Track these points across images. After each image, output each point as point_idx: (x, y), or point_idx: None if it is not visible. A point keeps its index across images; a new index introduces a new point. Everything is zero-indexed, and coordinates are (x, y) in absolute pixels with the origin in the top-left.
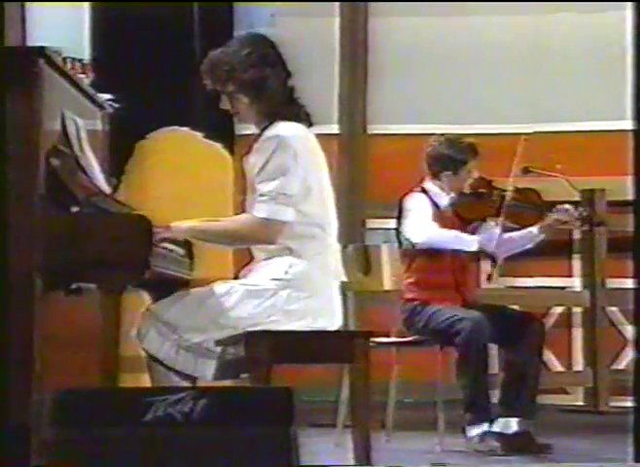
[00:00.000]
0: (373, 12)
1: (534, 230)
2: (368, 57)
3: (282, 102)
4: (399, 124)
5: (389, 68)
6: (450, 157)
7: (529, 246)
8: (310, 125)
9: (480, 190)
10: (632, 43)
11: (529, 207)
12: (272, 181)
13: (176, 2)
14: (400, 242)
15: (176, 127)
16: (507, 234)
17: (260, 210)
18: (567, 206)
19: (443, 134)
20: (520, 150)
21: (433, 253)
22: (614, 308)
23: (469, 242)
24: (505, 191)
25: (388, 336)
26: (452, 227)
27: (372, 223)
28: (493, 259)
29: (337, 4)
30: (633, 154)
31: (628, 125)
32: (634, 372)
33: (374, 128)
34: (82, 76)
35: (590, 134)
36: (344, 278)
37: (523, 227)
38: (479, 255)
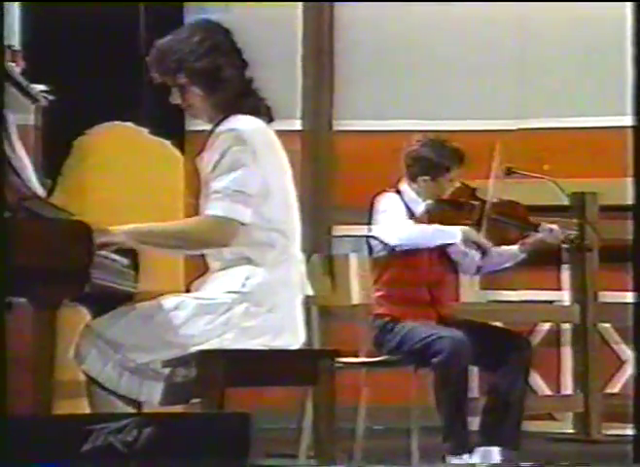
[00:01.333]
0: None
1: (515, 248)
2: (334, 47)
3: (239, 94)
4: (369, 119)
5: (358, 59)
6: (433, 161)
7: (507, 265)
8: (271, 120)
9: (461, 199)
10: (632, 41)
11: (511, 223)
12: (228, 177)
13: None
14: (370, 249)
15: (119, 123)
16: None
17: (213, 208)
18: (553, 226)
19: (426, 134)
20: (500, 148)
21: (406, 263)
22: (607, 325)
23: (451, 234)
24: (486, 202)
25: (357, 355)
26: None
27: (339, 230)
28: (482, 250)
29: None
30: (633, 153)
31: (623, 121)
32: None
33: (342, 125)
34: (12, 64)
35: (581, 132)
36: (308, 291)
37: (501, 242)
38: (456, 267)
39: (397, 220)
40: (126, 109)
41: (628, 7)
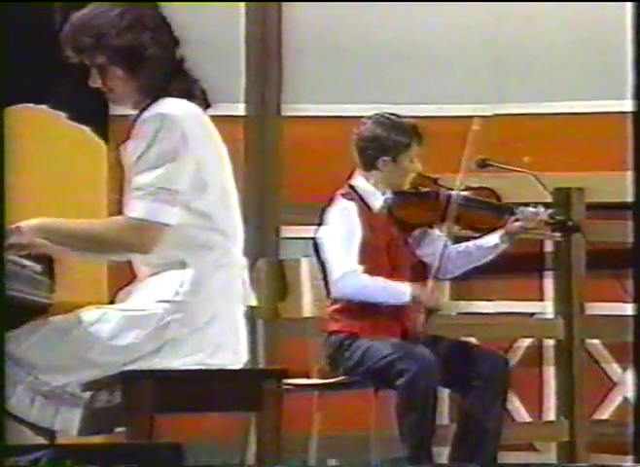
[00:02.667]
0: None
1: (494, 237)
2: (281, 21)
3: (168, 76)
4: (323, 103)
5: (309, 35)
6: (390, 139)
7: (488, 259)
8: (207, 104)
9: (423, 189)
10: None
11: (485, 209)
12: (153, 171)
13: None
14: (319, 258)
15: (31, 105)
16: (460, 245)
17: (133, 209)
18: (534, 208)
19: (378, 113)
20: (472, 137)
21: (365, 270)
22: (595, 341)
23: (399, 295)
24: (453, 189)
25: (308, 376)
26: (388, 236)
27: (288, 231)
28: (429, 311)
29: None
30: (634, 142)
31: (615, 106)
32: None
33: (292, 109)
34: None
35: (567, 118)
36: (252, 301)
37: (478, 233)
38: (425, 273)
39: (346, 258)
40: (39, 90)
41: (628, 7)
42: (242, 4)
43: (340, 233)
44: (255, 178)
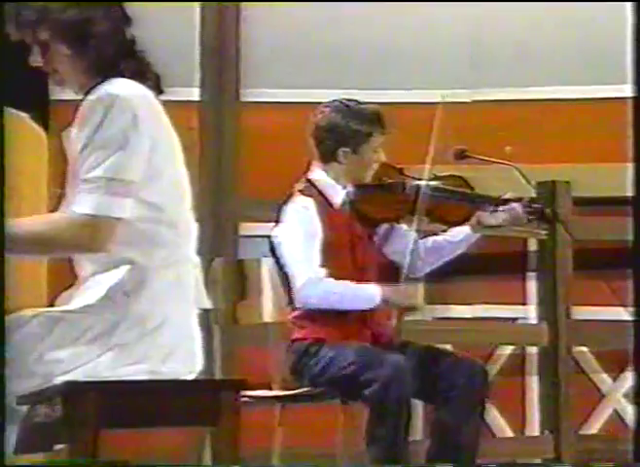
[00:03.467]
0: None
1: (464, 228)
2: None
3: (117, 55)
4: (285, 88)
5: (269, 14)
6: (350, 128)
7: (460, 252)
8: (160, 90)
9: (388, 180)
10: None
11: (456, 199)
12: (103, 160)
13: None
14: (278, 260)
15: None
16: (429, 239)
17: (82, 204)
18: (510, 196)
19: (336, 100)
20: (438, 121)
21: (330, 271)
22: (583, 349)
23: (368, 299)
24: (421, 180)
25: (269, 387)
26: (351, 233)
27: (248, 228)
28: (402, 312)
29: None
30: (633, 131)
31: (605, 91)
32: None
33: (251, 94)
34: None
35: (552, 105)
36: (207, 304)
37: (449, 225)
38: (393, 272)
39: (307, 262)
40: None
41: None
42: None
43: (299, 235)
44: (211, 170)
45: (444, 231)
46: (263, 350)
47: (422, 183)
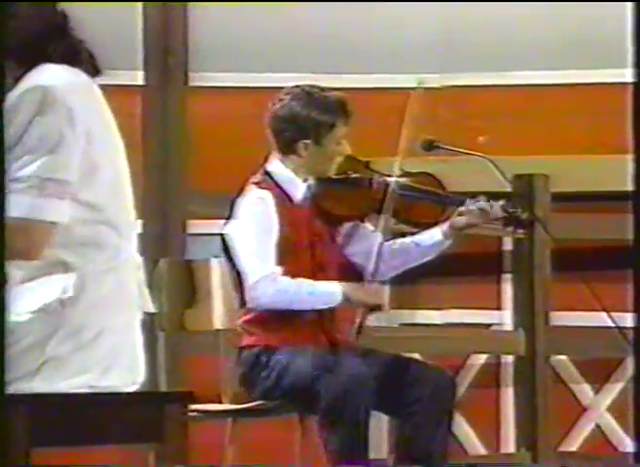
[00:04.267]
0: None
1: (435, 232)
2: None
3: (44, 35)
4: (238, 71)
5: None
6: (312, 118)
7: (429, 259)
8: (97, 71)
9: (354, 175)
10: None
11: (427, 199)
12: (36, 159)
13: None
14: (231, 262)
15: None
16: (397, 241)
17: (14, 207)
18: (484, 199)
19: (297, 86)
20: (411, 112)
21: (285, 271)
22: (563, 357)
23: (328, 298)
24: (390, 176)
25: (219, 401)
26: (312, 231)
27: (196, 225)
28: (367, 310)
29: None
30: (633, 119)
31: (587, 76)
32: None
33: (200, 78)
34: None
35: (529, 91)
36: (152, 310)
37: (418, 227)
38: (359, 276)
39: (262, 260)
40: None
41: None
42: None
43: (254, 229)
44: (156, 162)
45: (414, 233)
46: (213, 360)
47: (391, 180)
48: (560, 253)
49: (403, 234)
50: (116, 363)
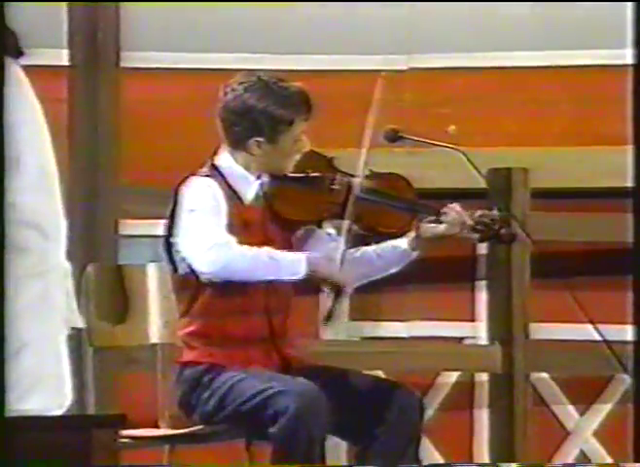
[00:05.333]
0: None
1: (402, 243)
2: None
3: None
4: (176, 51)
5: None
6: (267, 112)
7: (393, 271)
8: (19, 52)
9: (313, 173)
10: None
11: (393, 205)
12: None
13: None
14: (173, 262)
15: None
16: (358, 250)
17: None
18: (456, 209)
19: (252, 72)
20: (379, 98)
21: (231, 281)
22: (545, 375)
23: (292, 266)
24: (354, 176)
25: (156, 425)
26: (264, 235)
27: (129, 226)
28: (337, 290)
29: None
30: (633, 113)
31: (573, 57)
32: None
33: (134, 58)
34: None
35: (505, 74)
36: (78, 323)
37: (383, 236)
38: (307, 284)
39: (210, 230)
40: None
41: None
42: None
43: (202, 212)
44: (84, 153)
45: (378, 241)
46: (148, 379)
47: (355, 181)
48: (541, 257)
49: (368, 243)
50: (40, 382)
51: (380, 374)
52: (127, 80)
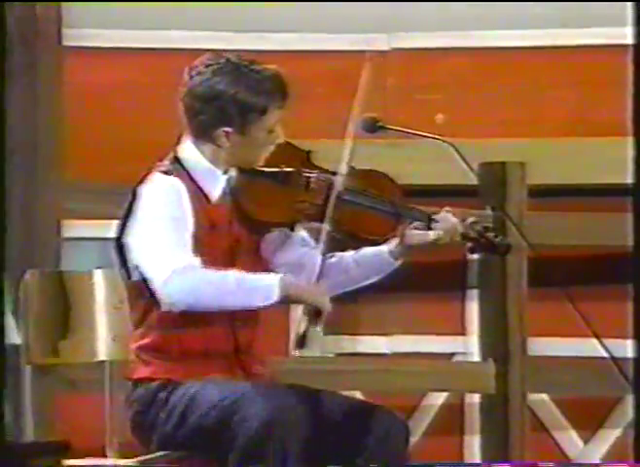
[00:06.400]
0: None
1: (384, 251)
2: None
3: None
4: (128, 28)
5: None
6: (237, 99)
7: (372, 281)
8: None
9: (288, 168)
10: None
11: (378, 208)
12: None
13: None
14: (126, 267)
15: None
16: (333, 256)
17: None
18: (450, 218)
19: (220, 53)
20: (365, 83)
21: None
22: (544, 396)
23: (263, 292)
24: (335, 173)
25: (103, 454)
26: (232, 237)
27: (73, 227)
28: (314, 314)
29: None
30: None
31: (576, 37)
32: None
33: (78, 36)
34: None
35: (501, 55)
36: (16, 339)
37: (365, 242)
38: None
39: (171, 253)
40: None
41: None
42: None
43: (164, 218)
44: (20, 144)
45: (356, 247)
46: (95, 400)
47: (337, 179)
48: (540, 263)
49: (343, 248)
50: None
51: (359, 395)
52: (71, 60)
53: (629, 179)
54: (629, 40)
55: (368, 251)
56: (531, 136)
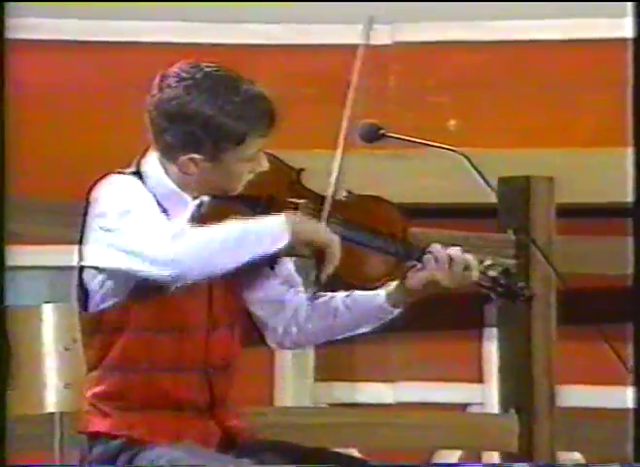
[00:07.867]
0: None
1: (380, 295)
2: None
3: None
4: (78, 17)
5: None
6: (209, 124)
7: (366, 330)
8: None
9: (271, 193)
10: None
11: (376, 246)
12: None
13: None
14: (85, 296)
15: None
16: (323, 297)
17: None
18: (456, 252)
19: (196, 65)
20: (357, 80)
21: (161, 322)
22: (576, 456)
23: (273, 232)
24: (324, 197)
25: None
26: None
27: (18, 253)
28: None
29: None
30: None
31: (610, 28)
32: None
33: (25, 28)
34: None
35: (523, 49)
36: None
37: (359, 285)
38: (260, 335)
39: (159, 225)
40: None
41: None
42: None
43: (137, 206)
44: None
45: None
46: (43, 458)
47: (326, 206)
48: (570, 297)
49: (334, 288)
50: None
51: (356, 453)
52: (14, 55)
53: None
54: None
55: (361, 295)
56: (559, 146)
